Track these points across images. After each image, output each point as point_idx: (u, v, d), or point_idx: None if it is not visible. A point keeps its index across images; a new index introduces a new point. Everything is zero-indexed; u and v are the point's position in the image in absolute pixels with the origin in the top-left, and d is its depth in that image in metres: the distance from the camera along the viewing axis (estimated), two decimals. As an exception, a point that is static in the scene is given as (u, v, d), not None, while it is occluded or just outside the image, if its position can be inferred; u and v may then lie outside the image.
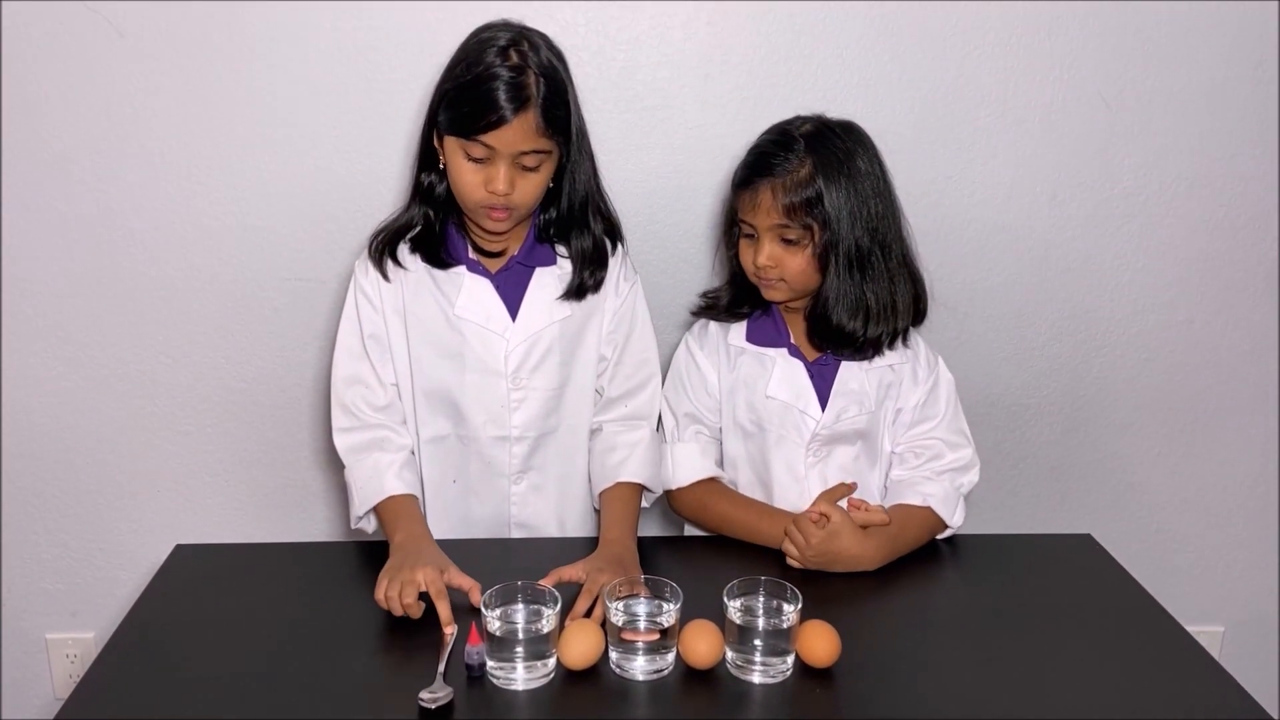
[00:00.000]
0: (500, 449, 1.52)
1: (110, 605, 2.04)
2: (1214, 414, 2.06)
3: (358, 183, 1.82)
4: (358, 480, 1.48)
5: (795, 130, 1.45)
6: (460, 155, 1.35)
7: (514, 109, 1.30)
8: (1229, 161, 1.90)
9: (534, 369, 1.49)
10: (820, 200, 1.41)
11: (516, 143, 1.33)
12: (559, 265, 1.49)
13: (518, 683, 1.15)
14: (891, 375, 1.53)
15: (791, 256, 1.44)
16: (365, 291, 1.49)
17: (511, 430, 1.51)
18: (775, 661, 1.18)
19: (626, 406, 1.55)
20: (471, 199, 1.37)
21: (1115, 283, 1.97)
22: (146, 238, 1.84)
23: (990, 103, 1.84)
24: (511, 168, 1.34)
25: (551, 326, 1.48)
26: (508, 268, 1.48)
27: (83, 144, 1.78)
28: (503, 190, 1.34)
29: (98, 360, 1.90)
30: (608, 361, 1.54)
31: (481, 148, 1.33)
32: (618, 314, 1.53)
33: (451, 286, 1.47)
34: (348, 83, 1.77)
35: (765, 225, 1.44)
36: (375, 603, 1.28)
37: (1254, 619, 2.19)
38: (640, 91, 1.80)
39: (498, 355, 1.48)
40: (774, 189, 1.42)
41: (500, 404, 1.50)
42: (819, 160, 1.41)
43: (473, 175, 1.35)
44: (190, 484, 1.99)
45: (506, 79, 1.30)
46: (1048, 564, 1.47)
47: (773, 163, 1.43)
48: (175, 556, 1.44)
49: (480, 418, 1.50)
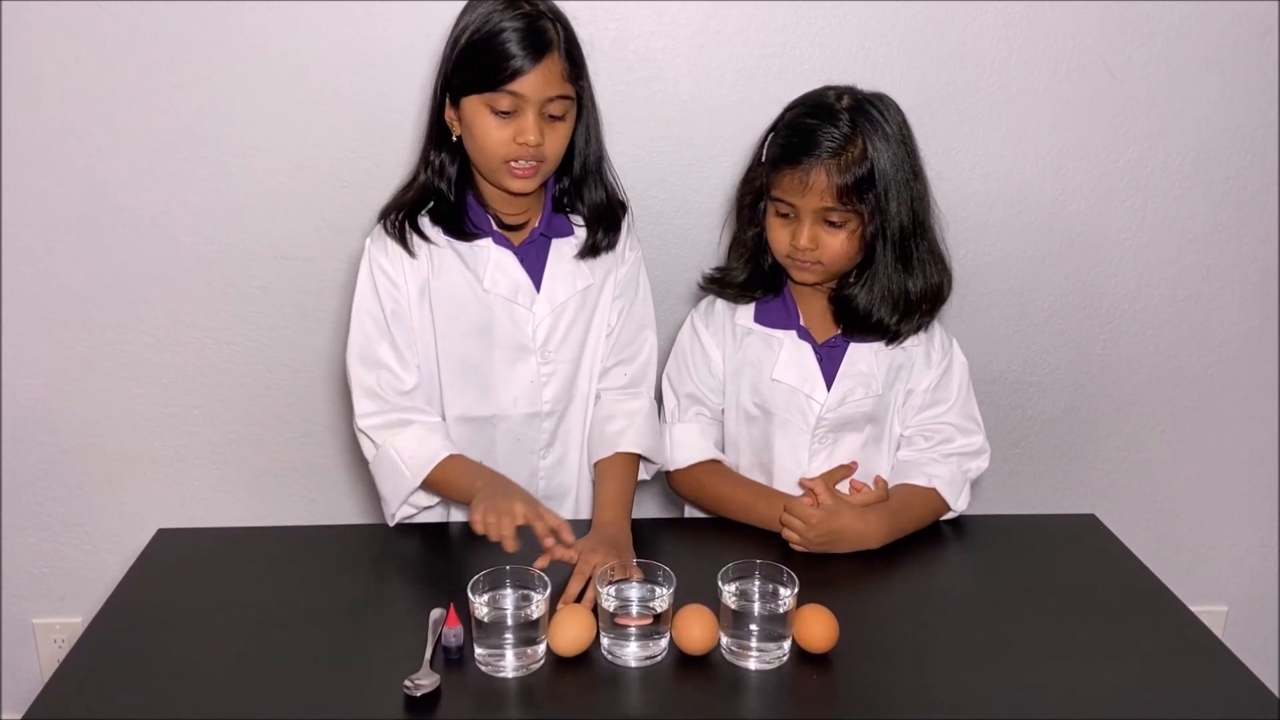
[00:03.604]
0: (531, 425, 1.50)
1: (98, 589, 2.01)
2: (1219, 391, 2.04)
3: (346, 158, 1.79)
4: (403, 452, 1.41)
5: (836, 104, 1.38)
6: (485, 113, 1.32)
7: (538, 53, 1.30)
8: (1236, 133, 1.86)
9: (561, 341, 1.48)
10: (873, 180, 1.35)
11: (544, 88, 1.31)
12: (575, 235, 1.48)
13: (506, 670, 1.13)
14: (903, 356, 1.49)
15: (832, 238, 1.39)
16: (385, 269, 1.42)
17: (543, 406, 1.49)
18: (771, 647, 1.15)
19: (625, 375, 1.53)
20: (499, 155, 1.34)
21: (1119, 257, 1.94)
22: (131, 215, 1.81)
23: (992, 72, 1.80)
24: (539, 117, 1.32)
25: (574, 297, 1.47)
26: (531, 239, 1.46)
27: (64, 121, 1.75)
28: (534, 140, 1.31)
29: (83, 341, 1.88)
30: (613, 328, 1.52)
31: (508, 98, 1.31)
32: (622, 281, 1.52)
33: (476, 260, 1.43)
34: (334, 57, 1.74)
35: (812, 206, 1.37)
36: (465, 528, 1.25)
37: (1257, 598, 2.18)
38: (633, 62, 1.77)
39: (525, 330, 1.45)
40: (828, 169, 1.35)
41: (531, 379, 1.47)
42: (870, 137, 1.35)
43: (499, 131, 1.32)
44: (178, 466, 1.98)
45: (526, 26, 1.30)
46: (1051, 545, 1.44)
47: (822, 139, 1.35)
48: (157, 542, 1.42)
49: (510, 394, 1.48)
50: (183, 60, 1.72)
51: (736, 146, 1.76)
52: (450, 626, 1.15)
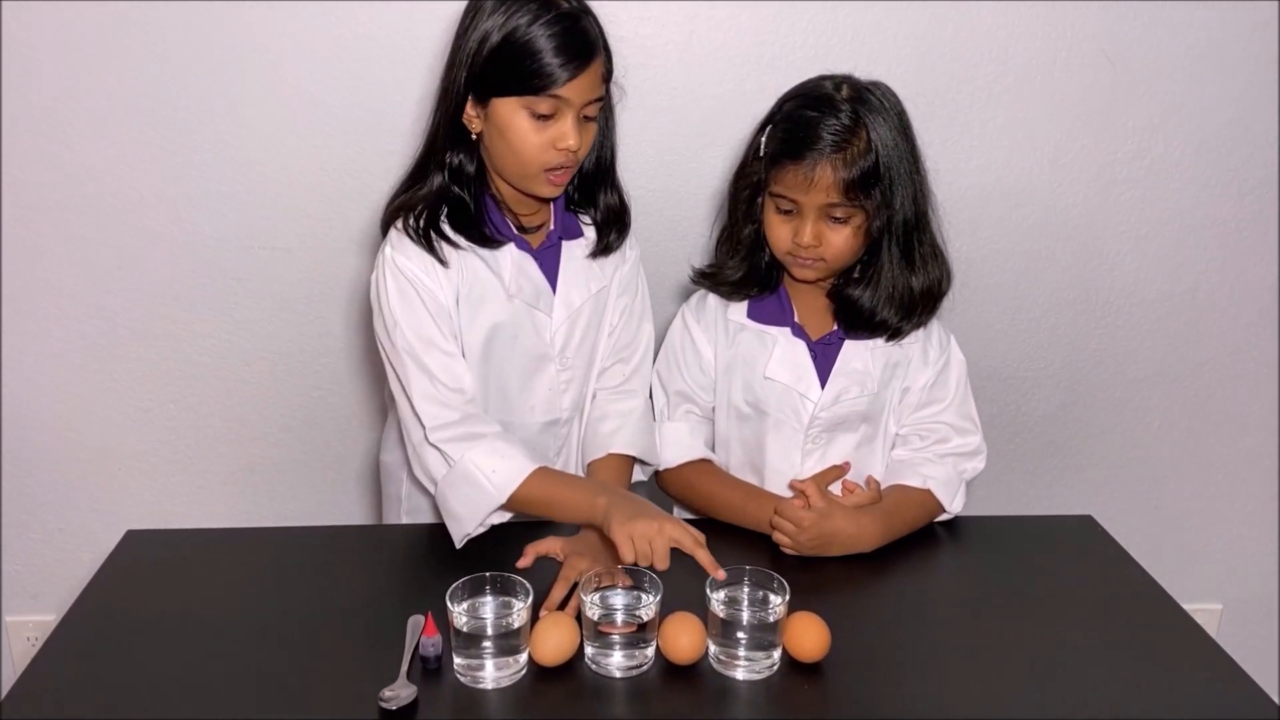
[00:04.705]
0: (548, 433, 1.46)
1: (72, 587, 1.94)
2: (1217, 387, 2.01)
3: (325, 146, 1.75)
4: (484, 466, 1.30)
5: (836, 94, 1.33)
6: (522, 116, 1.26)
7: (587, 57, 1.25)
8: (1238, 124, 1.83)
9: (578, 347, 1.44)
10: (877, 173, 1.31)
11: (588, 91, 1.27)
12: (585, 235, 1.44)
13: (486, 681, 1.10)
14: (900, 354, 1.45)
15: (835, 234, 1.35)
16: (417, 275, 1.32)
17: (561, 413, 1.46)
18: (760, 656, 1.12)
19: (622, 373, 1.50)
20: (537, 161, 1.28)
21: (1117, 250, 1.91)
22: (101, 204, 1.76)
23: (989, 61, 1.77)
24: (578, 120, 1.27)
25: (588, 301, 1.43)
26: (549, 243, 1.41)
27: (35, 109, 1.70)
28: (574, 144, 1.26)
29: (55, 335, 1.84)
30: (614, 326, 1.49)
31: (550, 102, 1.25)
32: (624, 279, 1.48)
33: (499, 266, 1.36)
34: (314, 43, 1.70)
35: (816, 203, 1.33)
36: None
37: (1253, 597, 2.16)
38: (619, 49, 1.69)
39: (545, 335, 1.41)
40: (833, 164, 1.30)
41: (549, 386, 1.44)
42: (873, 128, 1.31)
43: (537, 135, 1.26)
44: (153, 461, 1.94)
45: (571, 27, 1.24)
46: (1048, 548, 1.41)
47: (824, 133, 1.31)
48: (126, 543, 1.38)
49: (530, 401, 1.43)
50: (158, 49, 1.68)
51: (727, 136, 1.72)
52: (428, 636, 1.12)
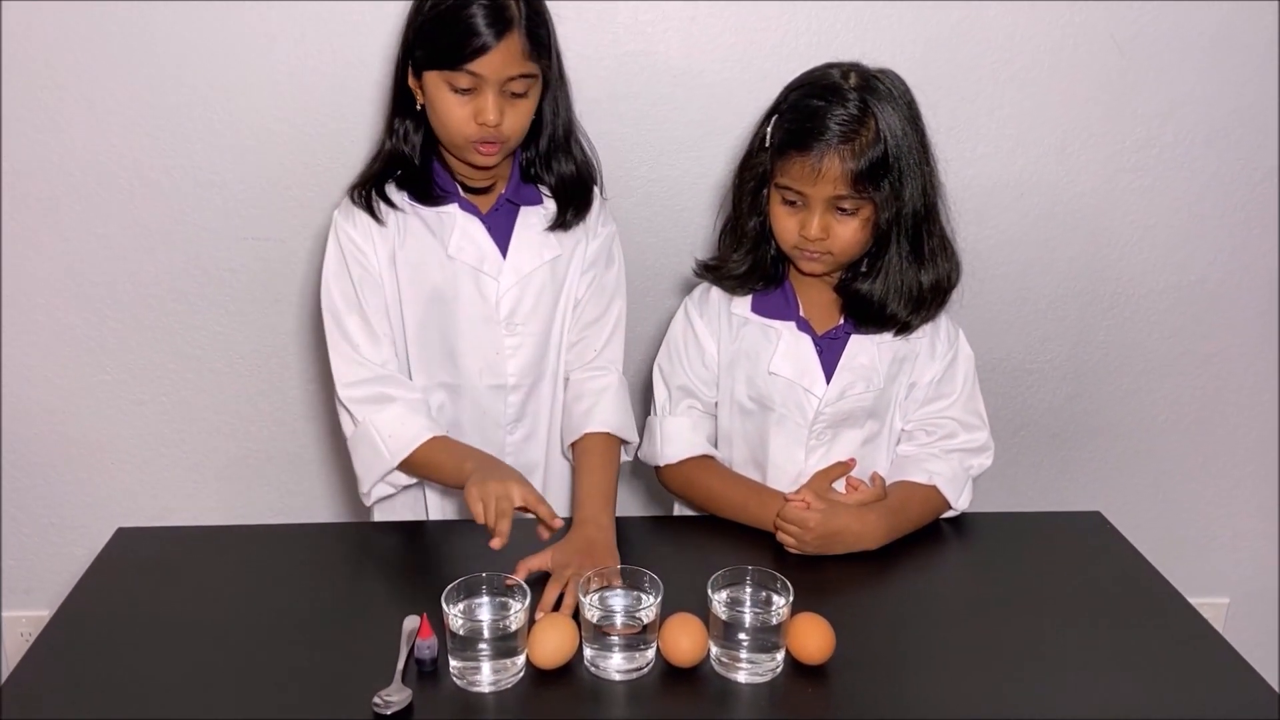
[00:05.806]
0: (496, 398, 1.47)
1: (65, 582, 1.93)
2: (1223, 379, 1.99)
3: (318, 135, 1.73)
4: (383, 430, 1.38)
5: (843, 83, 1.30)
6: (445, 90, 1.30)
7: (498, 32, 1.27)
8: (1248, 112, 1.81)
9: (528, 313, 1.45)
10: (886, 164, 1.28)
11: (504, 68, 1.28)
12: (544, 205, 1.45)
13: (483, 684, 1.07)
14: (907, 348, 1.42)
15: (843, 226, 1.32)
16: (353, 239, 1.40)
17: (508, 378, 1.46)
18: (764, 658, 1.10)
19: (593, 348, 1.50)
20: (460, 134, 1.32)
21: (1125, 240, 1.88)
22: (92, 193, 1.74)
23: (995, 47, 1.74)
24: (500, 96, 1.30)
25: (541, 268, 1.44)
26: (497, 206, 1.43)
27: (19, 99, 1.68)
28: (493, 120, 1.29)
29: (45, 328, 1.82)
30: (580, 300, 1.49)
31: (467, 77, 1.28)
32: (591, 255, 1.48)
33: (442, 227, 1.41)
34: (306, 31, 1.67)
35: (824, 195, 1.30)
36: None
37: (1259, 591, 2.15)
38: (620, 35, 1.71)
39: (490, 298, 1.42)
40: (841, 155, 1.27)
41: (495, 350, 1.45)
42: (882, 117, 1.28)
43: (460, 109, 1.30)
44: (146, 455, 1.92)
45: (486, 3, 1.26)
46: (1056, 546, 1.39)
47: (832, 123, 1.27)
48: (116, 541, 1.35)
49: (475, 365, 1.45)
50: (148, 39, 1.66)
51: (730, 125, 1.70)
52: (424, 638, 1.09)
